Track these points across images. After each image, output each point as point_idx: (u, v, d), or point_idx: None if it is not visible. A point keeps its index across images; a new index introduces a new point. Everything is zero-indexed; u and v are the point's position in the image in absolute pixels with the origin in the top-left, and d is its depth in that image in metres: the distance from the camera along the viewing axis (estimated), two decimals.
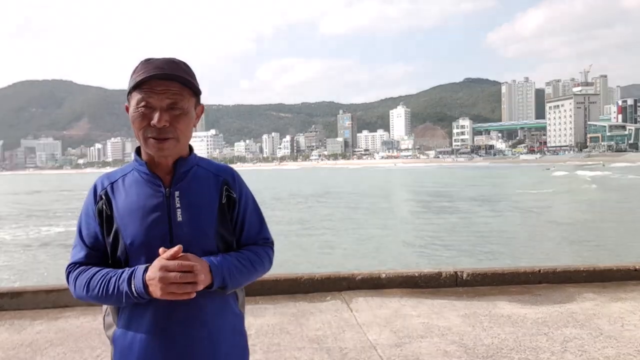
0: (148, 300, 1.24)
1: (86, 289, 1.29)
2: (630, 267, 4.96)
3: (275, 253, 1.55)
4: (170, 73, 1.27)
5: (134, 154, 1.40)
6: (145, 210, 1.30)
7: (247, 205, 1.44)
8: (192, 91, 1.32)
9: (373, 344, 3.46)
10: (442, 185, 47.19)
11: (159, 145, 1.28)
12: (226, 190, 1.39)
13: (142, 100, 1.27)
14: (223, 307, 1.37)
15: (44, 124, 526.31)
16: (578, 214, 21.33)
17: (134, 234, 1.29)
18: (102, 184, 1.37)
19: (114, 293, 1.25)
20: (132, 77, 1.30)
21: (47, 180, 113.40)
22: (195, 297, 1.27)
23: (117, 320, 1.34)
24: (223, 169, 1.44)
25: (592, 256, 11.67)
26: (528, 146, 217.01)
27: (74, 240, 1.37)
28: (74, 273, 1.33)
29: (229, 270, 1.30)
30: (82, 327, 3.89)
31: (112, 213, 1.32)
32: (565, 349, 3.28)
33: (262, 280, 4.38)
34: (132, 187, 1.34)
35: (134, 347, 1.29)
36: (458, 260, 11.84)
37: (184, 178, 1.36)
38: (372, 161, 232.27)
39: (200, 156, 1.45)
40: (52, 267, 12.25)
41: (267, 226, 1.51)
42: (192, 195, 1.34)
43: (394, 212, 24.71)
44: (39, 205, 34.03)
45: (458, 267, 5.05)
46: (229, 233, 1.39)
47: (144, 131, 1.28)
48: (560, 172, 66.58)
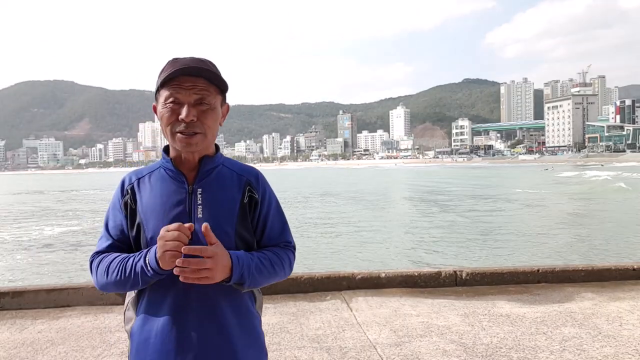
0: (164, 276, 1.25)
1: (106, 273, 1.31)
2: (628, 267, 4.97)
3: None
4: (198, 68, 1.29)
5: (162, 152, 1.43)
6: (167, 206, 1.33)
7: (270, 207, 1.44)
8: (219, 88, 1.34)
9: (373, 343, 3.47)
10: (461, 185, 46.01)
11: (187, 140, 1.30)
12: (249, 190, 1.40)
13: (171, 97, 1.30)
14: (240, 306, 1.37)
15: (46, 124, 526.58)
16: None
17: (155, 228, 1.30)
18: (129, 179, 1.40)
19: (132, 273, 1.27)
20: (159, 75, 1.33)
21: (49, 180, 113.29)
22: (211, 293, 1.28)
23: (136, 311, 1.37)
24: (247, 170, 1.45)
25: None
26: (527, 146, 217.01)
27: (101, 232, 1.41)
28: (96, 261, 1.36)
29: (249, 267, 1.30)
30: (83, 327, 3.90)
31: (136, 207, 1.35)
32: (564, 348, 3.29)
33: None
34: (157, 183, 1.37)
35: (150, 341, 1.31)
36: (462, 259, 11.86)
37: (208, 176, 1.37)
38: (373, 161, 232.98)
39: (227, 157, 1.48)
40: (53, 266, 12.26)
41: (289, 229, 1.50)
42: (214, 193, 1.36)
43: (396, 211, 24.71)
44: (40, 205, 34.02)
45: (457, 267, 5.07)
46: (249, 233, 1.40)
47: (172, 126, 1.31)
48: (569, 173, 65.33)
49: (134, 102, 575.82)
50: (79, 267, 12.10)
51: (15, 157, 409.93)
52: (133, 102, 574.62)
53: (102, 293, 4.47)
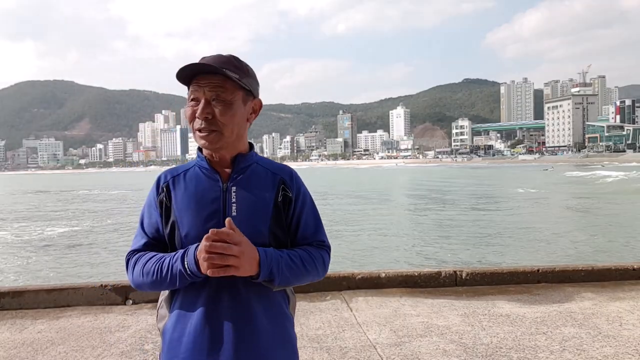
0: (201, 279, 1.26)
1: (142, 273, 1.32)
2: (628, 267, 4.97)
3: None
4: (210, 66, 1.29)
5: (197, 151, 1.43)
6: (201, 204, 1.33)
7: (304, 206, 1.43)
8: (238, 84, 1.32)
9: (373, 343, 3.47)
10: (472, 185, 45.82)
11: (203, 138, 1.32)
12: (283, 189, 1.39)
13: (191, 95, 1.32)
14: (272, 306, 1.36)
15: (46, 124, 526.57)
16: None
17: (190, 226, 1.31)
18: (165, 177, 1.41)
19: (169, 273, 1.27)
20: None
21: (49, 180, 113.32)
22: (243, 291, 1.29)
23: (169, 309, 1.36)
24: (281, 168, 1.45)
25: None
26: (527, 146, 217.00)
27: (136, 230, 1.41)
28: (133, 259, 1.36)
29: (278, 264, 1.28)
30: (83, 327, 3.90)
31: (171, 205, 1.35)
32: (563, 348, 3.29)
33: None
34: (192, 180, 1.37)
35: (182, 340, 1.31)
36: (462, 259, 11.87)
37: (242, 174, 1.38)
38: (375, 161, 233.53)
39: (261, 155, 1.47)
40: (53, 266, 12.27)
41: (323, 229, 1.47)
42: (248, 191, 1.36)
43: (396, 210, 24.71)
44: (40, 205, 34.02)
45: (457, 267, 5.07)
46: (283, 232, 1.39)
47: (193, 124, 1.33)
48: (576, 173, 64.65)
49: (134, 102, 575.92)
50: (79, 267, 12.11)
51: (15, 157, 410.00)
52: (133, 102, 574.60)
53: (102, 293, 4.47)
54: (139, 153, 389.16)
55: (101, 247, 15.16)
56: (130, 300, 4.47)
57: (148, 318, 4.04)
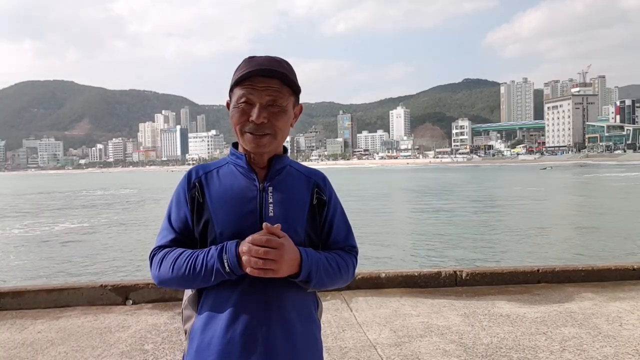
0: (237, 277, 1.23)
1: (172, 269, 1.28)
2: (628, 267, 4.98)
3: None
4: (272, 70, 1.28)
5: (230, 149, 1.42)
6: (238, 202, 1.31)
7: (336, 210, 1.43)
8: (292, 90, 1.33)
9: (373, 343, 3.47)
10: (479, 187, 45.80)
11: (257, 141, 1.30)
12: (317, 192, 1.40)
13: (243, 97, 1.29)
14: (303, 309, 1.35)
15: (46, 124, 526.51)
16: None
17: (225, 224, 1.29)
18: (196, 173, 1.38)
19: (202, 270, 1.24)
20: (234, 73, 1.32)
21: (50, 180, 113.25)
22: (276, 294, 1.26)
23: (197, 310, 1.33)
24: (314, 172, 1.45)
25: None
26: (527, 146, 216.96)
27: (162, 225, 1.37)
28: (159, 255, 1.32)
29: (317, 265, 1.28)
30: (83, 327, 3.90)
31: (204, 201, 1.33)
32: (563, 348, 3.30)
33: None
34: (227, 178, 1.35)
35: (213, 341, 1.27)
36: (462, 259, 11.86)
37: (278, 175, 1.37)
38: (377, 161, 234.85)
39: (292, 159, 1.47)
40: (53, 266, 12.26)
41: (353, 234, 1.48)
42: (285, 192, 1.35)
43: (396, 209, 24.71)
44: (40, 205, 34.01)
45: (457, 267, 5.07)
46: (317, 235, 1.38)
47: (242, 126, 1.31)
48: (576, 173, 63.75)
49: (134, 102, 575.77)
50: (79, 267, 12.11)
51: (15, 157, 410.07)
52: (133, 102, 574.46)
53: (102, 293, 4.47)
54: (139, 153, 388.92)
55: (101, 247, 15.17)
56: (130, 300, 4.47)
57: (148, 318, 4.04)
